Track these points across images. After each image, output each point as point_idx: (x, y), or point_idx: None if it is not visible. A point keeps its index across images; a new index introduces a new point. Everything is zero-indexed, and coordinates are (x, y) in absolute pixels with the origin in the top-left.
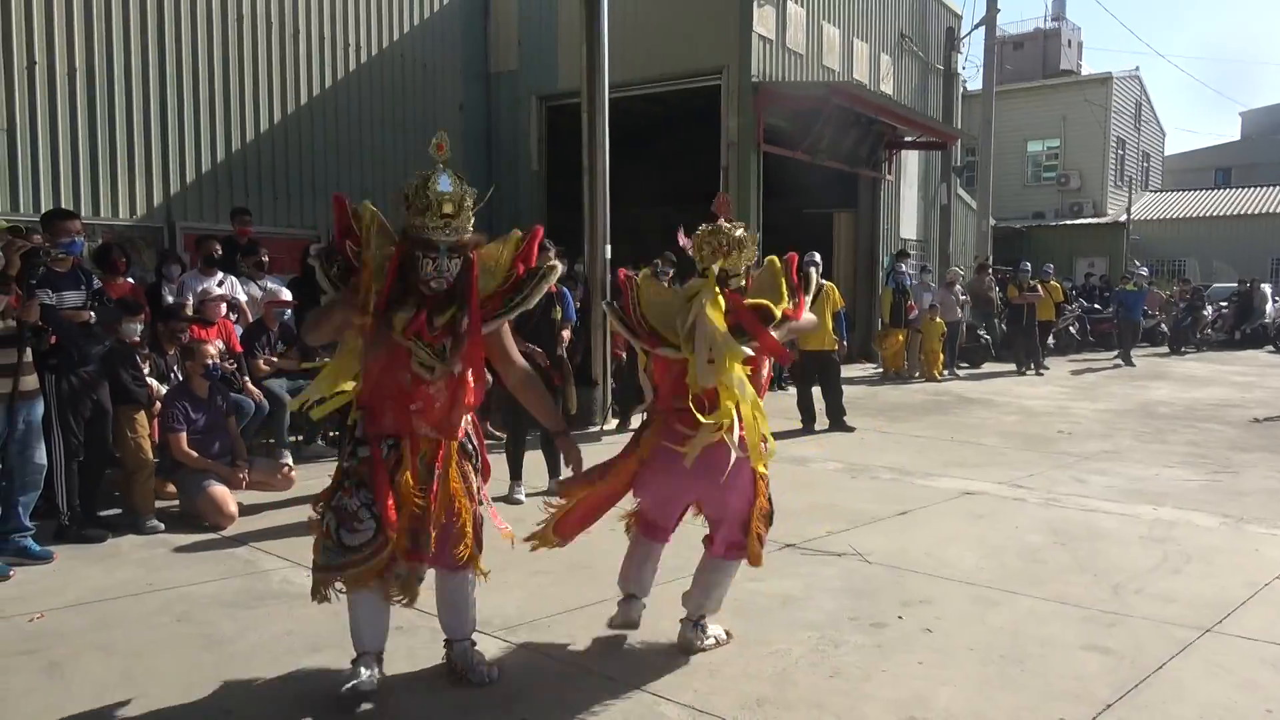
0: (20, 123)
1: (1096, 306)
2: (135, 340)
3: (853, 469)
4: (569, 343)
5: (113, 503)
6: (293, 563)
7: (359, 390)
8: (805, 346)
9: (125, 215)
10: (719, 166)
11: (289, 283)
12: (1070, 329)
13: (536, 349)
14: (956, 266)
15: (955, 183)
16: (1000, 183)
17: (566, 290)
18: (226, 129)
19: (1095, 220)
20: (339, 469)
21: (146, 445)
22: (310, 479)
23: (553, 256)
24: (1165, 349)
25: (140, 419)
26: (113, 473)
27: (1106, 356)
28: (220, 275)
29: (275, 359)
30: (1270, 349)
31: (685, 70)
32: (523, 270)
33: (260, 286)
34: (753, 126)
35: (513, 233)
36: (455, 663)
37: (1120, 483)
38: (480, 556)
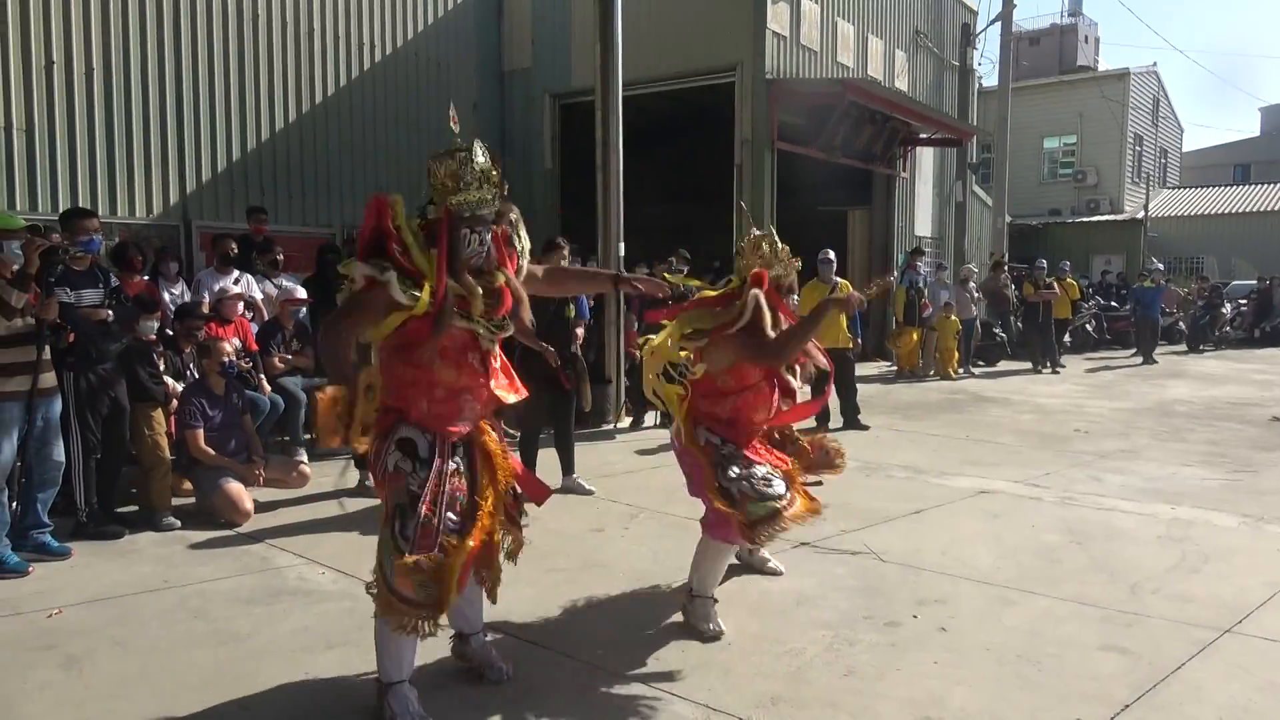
0: (38, 122)
1: (1113, 304)
2: (151, 338)
3: (867, 467)
4: (582, 340)
5: (130, 499)
6: (308, 560)
7: (394, 404)
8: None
9: (142, 214)
10: (733, 164)
11: (304, 281)
12: (1087, 327)
13: (549, 347)
14: (970, 264)
15: (971, 180)
16: (1016, 179)
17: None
18: (242, 128)
19: (1112, 217)
20: (398, 491)
21: (163, 442)
22: (324, 476)
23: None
24: (1183, 347)
25: (157, 416)
26: (130, 470)
27: (1123, 354)
28: (236, 273)
29: (290, 357)
30: None
31: (699, 67)
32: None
33: (275, 285)
34: (767, 123)
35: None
36: (472, 658)
37: (1137, 482)
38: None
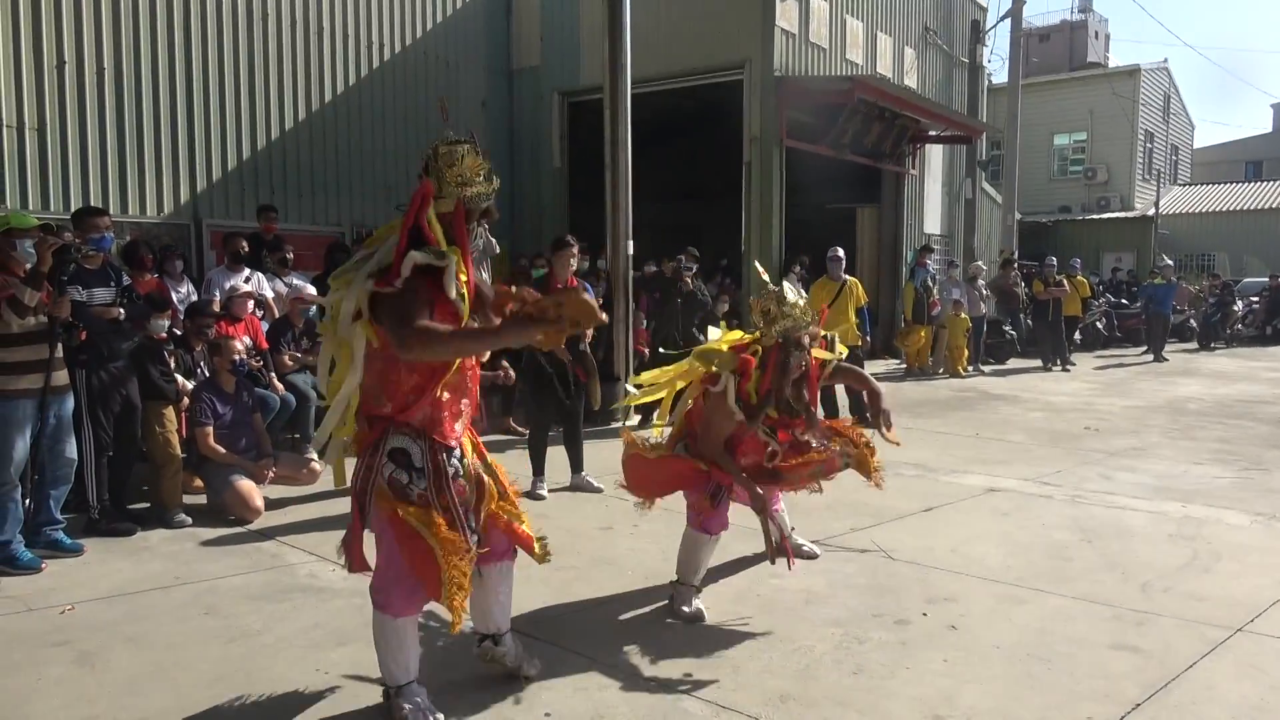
0: (50, 122)
1: (1124, 301)
2: (162, 336)
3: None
4: (591, 338)
5: (141, 497)
6: (318, 557)
7: (386, 412)
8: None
9: (153, 213)
10: (741, 161)
11: (313, 279)
12: (1097, 324)
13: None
14: (979, 261)
15: (980, 177)
16: (1026, 176)
17: (589, 286)
18: (252, 127)
19: (1123, 214)
20: (403, 500)
21: (174, 440)
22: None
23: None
24: (1194, 344)
25: (168, 414)
26: (141, 467)
27: (1134, 352)
28: (247, 272)
29: (300, 354)
30: None
31: (708, 65)
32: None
33: (285, 283)
34: (775, 121)
35: None
36: (502, 659)
37: (1148, 480)
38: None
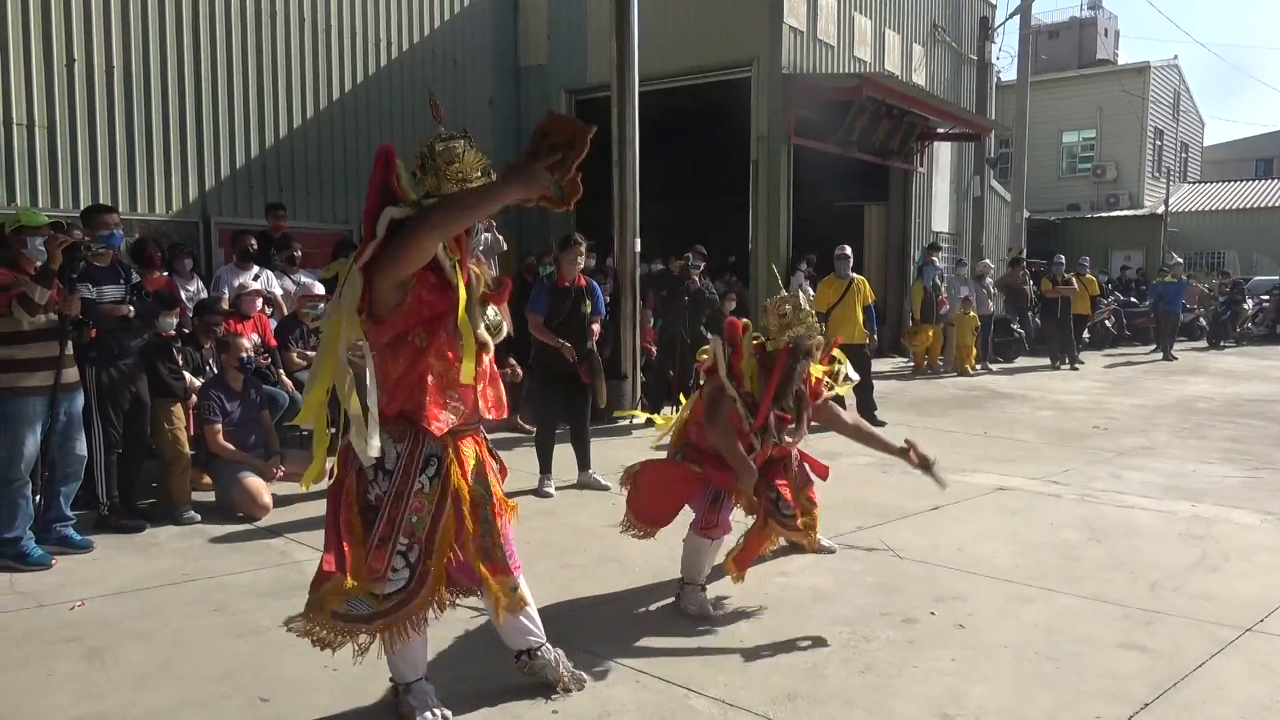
0: (60, 120)
1: (1133, 300)
2: (171, 334)
3: (883, 463)
4: (598, 336)
5: (150, 494)
6: None
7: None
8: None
9: (162, 210)
10: (749, 159)
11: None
12: (1106, 323)
13: (565, 343)
14: (987, 259)
15: (989, 174)
16: (1035, 174)
17: (596, 284)
18: (261, 125)
19: (1132, 212)
20: (356, 501)
21: (183, 437)
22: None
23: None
24: (1204, 343)
25: (177, 411)
26: (150, 464)
27: (1142, 350)
28: (256, 269)
29: (309, 352)
30: None
31: (715, 62)
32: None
33: (293, 281)
34: (783, 119)
35: None
36: (542, 670)
37: (1157, 479)
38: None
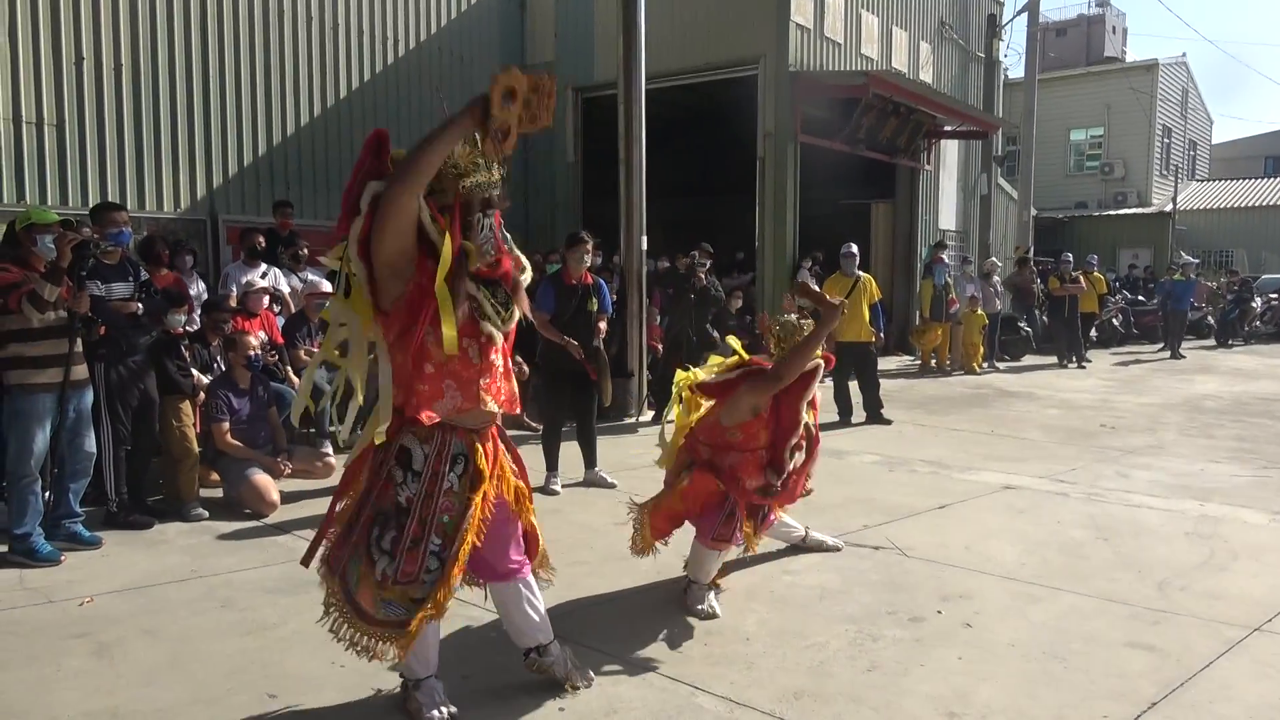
0: (68, 118)
1: (1140, 298)
2: (179, 331)
3: (890, 462)
4: (605, 334)
5: (158, 490)
6: None
7: (398, 404)
8: (842, 338)
9: (170, 208)
10: (755, 157)
11: (328, 274)
12: (1113, 321)
13: (572, 341)
14: (994, 258)
15: (996, 172)
16: (1042, 172)
17: (603, 282)
18: (268, 123)
19: (1140, 210)
20: (383, 496)
21: (191, 434)
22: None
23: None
24: (1212, 341)
25: (185, 409)
26: (158, 461)
27: (1150, 349)
28: (264, 267)
29: (315, 349)
30: None
31: (722, 60)
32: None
33: (300, 278)
34: (790, 116)
35: None
36: (550, 667)
37: (1165, 478)
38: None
